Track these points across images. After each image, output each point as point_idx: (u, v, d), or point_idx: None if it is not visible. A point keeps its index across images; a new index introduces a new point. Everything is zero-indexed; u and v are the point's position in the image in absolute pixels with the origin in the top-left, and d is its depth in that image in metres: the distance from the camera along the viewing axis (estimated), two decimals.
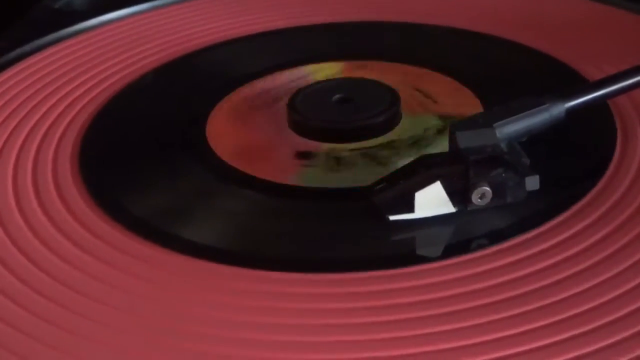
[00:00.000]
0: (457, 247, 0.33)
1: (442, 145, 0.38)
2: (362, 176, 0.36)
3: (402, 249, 0.33)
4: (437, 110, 0.41)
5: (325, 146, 0.39)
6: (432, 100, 0.42)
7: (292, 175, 0.37)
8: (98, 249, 0.33)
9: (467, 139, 0.34)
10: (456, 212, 0.33)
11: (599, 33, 0.48)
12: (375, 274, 0.31)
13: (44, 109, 0.44)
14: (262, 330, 0.29)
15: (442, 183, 0.33)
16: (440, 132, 0.39)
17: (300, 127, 0.40)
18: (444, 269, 0.31)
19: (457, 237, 0.33)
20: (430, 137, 0.39)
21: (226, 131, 0.41)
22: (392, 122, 0.40)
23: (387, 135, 0.39)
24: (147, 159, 0.40)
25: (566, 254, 0.32)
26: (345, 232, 0.34)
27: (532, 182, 0.33)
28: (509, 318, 0.29)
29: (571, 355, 0.27)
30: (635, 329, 0.28)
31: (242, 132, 0.41)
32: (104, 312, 0.30)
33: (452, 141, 0.34)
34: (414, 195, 0.33)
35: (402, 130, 0.40)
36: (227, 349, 0.29)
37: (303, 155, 0.38)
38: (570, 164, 0.37)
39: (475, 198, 0.33)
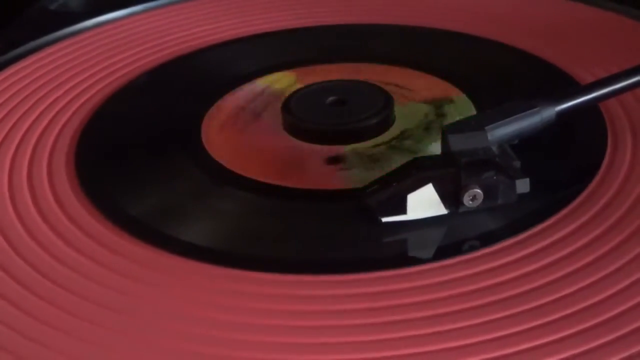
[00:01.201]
0: (449, 248, 0.33)
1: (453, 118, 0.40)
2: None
3: (395, 250, 0.33)
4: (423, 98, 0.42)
5: (349, 148, 0.39)
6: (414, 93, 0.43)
7: (334, 179, 0.37)
8: (92, 249, 0.34)
9: (459, 142, 0.34)
10: (448, 214, 0.34)
11: (590, 36, 0.48)
12: (369, 275, 0.31)
13: (39, 110, 0.44)
14: (259, 332, 0.29)
15: (434, 185, 0.33)
16: (438, 115, 0.41)
17: (296, 129, 0.40)
18: (436, 270, 0.32)
19: (448, 238, 0.34)
20: (435, 120, 0.40)
21: (221, 132, 0.41)
22: (387, 121, 0.40)
23: (392, 130, 0.40)
24: (142, 160, 0.40)
25: (558, 255, 0.32)
26: (338, 234, 0.34)
27: (523, 185, 0.34)
28: (502, 319, 0.29)
29: (565, 354, 0.28)
30: (628, 329, 0.28)
31: (237, 133, 0.41)
32: (97, 312, 0.30)
33: (445, 144, 0.35)
34: (406, 197, 0.33)
35: (403, 122, 0.40)
36: (223, 350, 0.29)
37: (333, 160, 0.38)
38: (561, 166, 0.37)
39: (466, 200, 0.34)
